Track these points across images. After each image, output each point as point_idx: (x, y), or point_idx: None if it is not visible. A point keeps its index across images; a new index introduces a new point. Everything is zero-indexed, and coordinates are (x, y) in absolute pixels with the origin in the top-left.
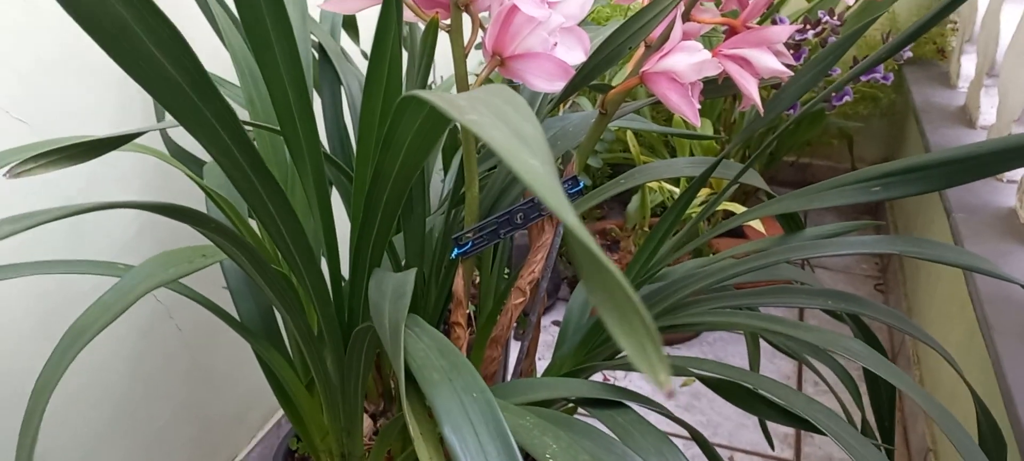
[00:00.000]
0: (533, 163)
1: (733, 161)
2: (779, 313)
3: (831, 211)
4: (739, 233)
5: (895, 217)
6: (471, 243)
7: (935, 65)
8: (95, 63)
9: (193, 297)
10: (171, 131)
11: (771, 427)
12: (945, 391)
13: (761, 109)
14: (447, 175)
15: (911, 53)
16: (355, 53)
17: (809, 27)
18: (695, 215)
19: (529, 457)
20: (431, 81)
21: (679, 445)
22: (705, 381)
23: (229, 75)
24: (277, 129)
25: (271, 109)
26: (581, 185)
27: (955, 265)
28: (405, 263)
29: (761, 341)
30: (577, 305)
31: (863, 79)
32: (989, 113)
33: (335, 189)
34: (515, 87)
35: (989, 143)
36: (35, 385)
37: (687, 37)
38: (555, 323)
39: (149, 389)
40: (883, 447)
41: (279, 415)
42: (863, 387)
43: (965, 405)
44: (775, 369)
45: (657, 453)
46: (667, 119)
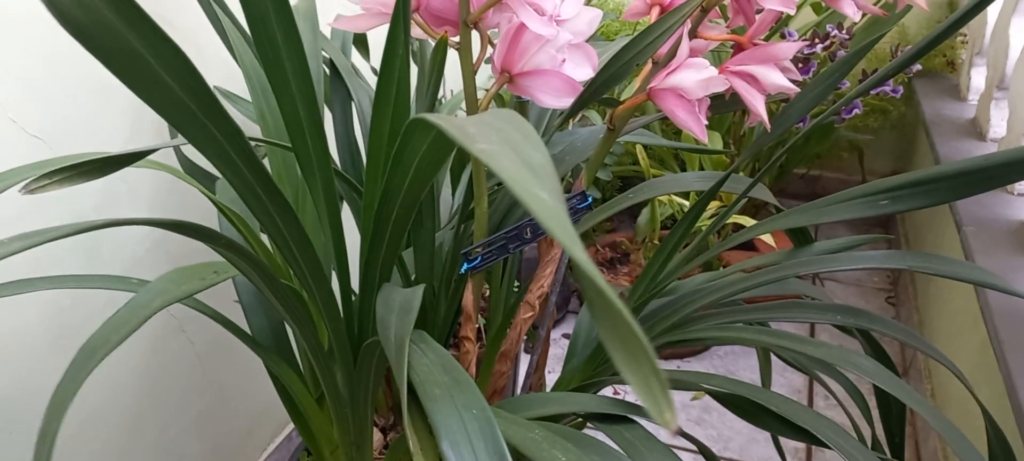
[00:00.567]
0: (541, 195)
1: (742, 175)
2: (789, 327)
3: (842, 224)
4: (750, 246)
5: (906, 230)
6: (480, 258)
7: (945, 78)
8: (110, 82)
9: (205, 312)
10: (184, 148)
11: (782, 442)
12: (956, 406)
13: (768, 125)
14: (457, 190)
15: (920, 66)
16: (366, 69)
17: (818, 41)
18: (705, 229)
19: None
20: (441, 95)
21: (688, 460)
22: (714, 395)
23: (242, 90)
24: (288, 146)
25: (282, 125)
26: (589, 200)
27: (965, 280)
28: (415, 278)
29: (772, 355)
30: (587, 319)
31: (873, 92)
32: (999, 126)
33: (346, 203)
34: (524, 103)
35: (996, 155)
36: (49, 404)
37: (694, 53)
38: (565, 336)
39: (161, 403)
40: None
41: (290, 429)
42: (873, 402)
43: (977, 421)
44: (786, 383)
45: None
46: (677, 133)
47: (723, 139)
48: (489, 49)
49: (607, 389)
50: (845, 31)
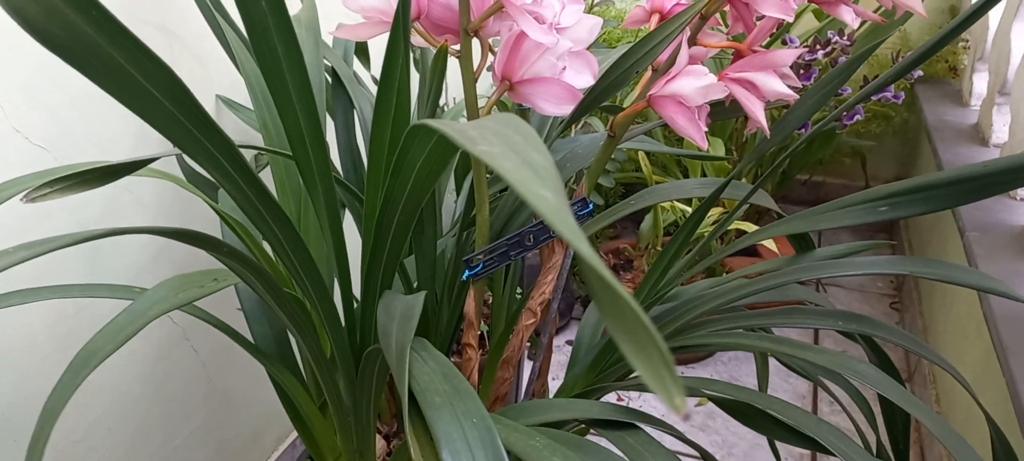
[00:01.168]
0: (544, 194)
1: (744, 181)
2: (793, 334)
3: (846, 229)
4: (752, 251)
5: (910, 235)
6: (482, 265)
7: (947, 83)
8: None
9: (208, 320)
10: (187, 155)
11: (787, 448)
12: (961, 412)
13: (767, 132)
14: (459, 196)
15: (922, 72)
16: (368, 78)
17: (819, 47)
18: (706, 235)
19: None
20: (444, 103)
21: None
22: (716, 401)
23: (247, 99)
24: (289, 154)
25: (284, 133)
26: (590, 207)
27: (966, 285)
28: (417, 285)
29: (776, 361)
30: (589, 325)
31: (874, 98)
32: (1002, 131)
33: (349, 211)
34: (524, 110)
35: (994, 163)
36: (43, 409)
37: (694, 60)
38: (569, 342)
39: (166, 411)
40: None
41: (293, 437)
42: (878, 407)
43: (982, 426)
44: (790, 389)
45: None
46: (678, 140)
47: (726, 145)
48: (490, 57)
49: (612, 395)
50: (846, 37)
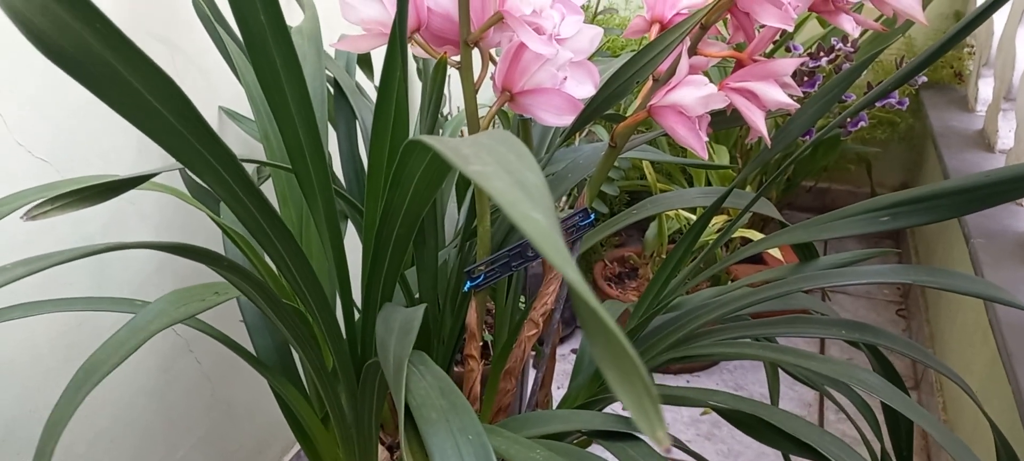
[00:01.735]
0: (535, 216)
1: (749, 189)
2: (799, 342)
3: (852, 236)
4: (757, 259)
5: (915, 242)
6: (483, 276)
7: (953, 89)
8: None
9: (210, 332)
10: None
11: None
12: (968, 420)
13: (768, 141)
14: (461, 207)
15: (927, 78)
16: (371, 88)
17: (823, 54)
18: (710, 243)
19: None
20: (446, 111)
21: None
22: (719, 412)
23: (250, 111)
24: (289, 168)
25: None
26: (592, 217)
27: (970, 294)
28: (419, 296)
29: (782, 370)
30: None
31: (878, 104)
32: (1007, 137)
33: (350, 222)
34: (527, 120)
35: (998, 172)
36: (47, 422)
37: (694, 70)
38: (573, 351)
39: (170, 422)
40: None
41: (296, 449)
42: (882, 417)
43: (988, 435)
44: (796, 397)
45: None
46: (682, 149)
47: (730, 153)
48: (491, 68)
49: (614, 405)
50: (850, 44)
